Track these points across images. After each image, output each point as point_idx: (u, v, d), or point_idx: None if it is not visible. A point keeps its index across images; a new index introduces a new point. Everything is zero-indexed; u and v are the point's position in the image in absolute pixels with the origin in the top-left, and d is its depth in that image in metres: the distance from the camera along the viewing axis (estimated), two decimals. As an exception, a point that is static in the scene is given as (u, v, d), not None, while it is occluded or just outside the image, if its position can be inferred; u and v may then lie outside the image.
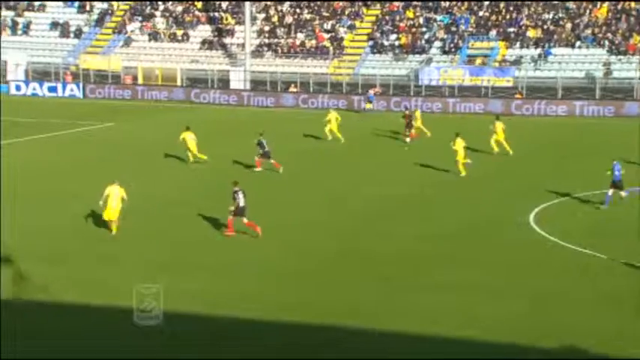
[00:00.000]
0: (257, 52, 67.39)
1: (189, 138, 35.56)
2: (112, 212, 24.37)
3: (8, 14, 74.73)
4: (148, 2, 73.93)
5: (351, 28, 68.98)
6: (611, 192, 27.97)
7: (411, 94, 59.62)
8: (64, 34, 72.43)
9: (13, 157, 36.21)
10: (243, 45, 67.26)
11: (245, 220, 24.63)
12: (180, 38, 70.84)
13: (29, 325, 17.65)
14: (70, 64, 68.10)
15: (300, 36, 68.64)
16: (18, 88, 65.19)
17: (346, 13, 70.15)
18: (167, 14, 73.32)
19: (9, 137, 41.29)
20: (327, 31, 68.75)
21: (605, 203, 28.00)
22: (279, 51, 67.54)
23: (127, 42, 70.75)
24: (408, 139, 42.48)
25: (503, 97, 57.97)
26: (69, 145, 38.04)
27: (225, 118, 53.50)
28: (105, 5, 74.39)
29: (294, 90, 61.87)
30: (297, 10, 71.08)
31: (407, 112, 44.77)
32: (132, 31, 71.72)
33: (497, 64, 61.88)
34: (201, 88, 63.22)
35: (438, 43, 65.38)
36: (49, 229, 25.19)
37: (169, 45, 70.19)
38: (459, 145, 33.90)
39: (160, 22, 72.73)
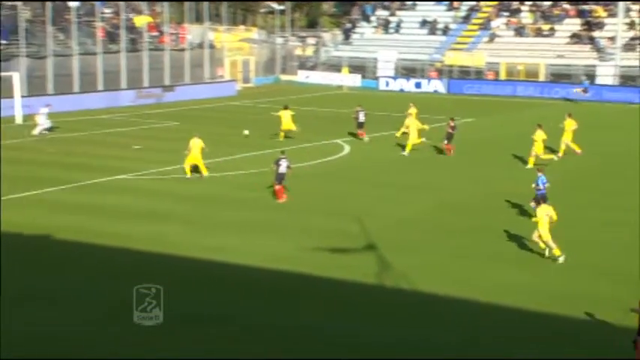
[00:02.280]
0: (628, 46, 64.11)
1: (285, 115, 40.58)
2: (194, 158, 31.96)
3: (383, 14, 79.40)
4: (515, -2, 73.96)
5: None
6: (533, 204, 25.05)
7: None
8: (432, 31, 75.10)
9: (385, 149, 38.81)
10: (613, 38, 64.42)
11: (277, 186, 28.32)
12: (546, 33, 69.82)
13: (387, 308, 19.03)
14: (435, 60, 70.52)
15: (681, 27, 64.04)
16: (387, 84, 69.13)
17: None
18: (534, 9, 72.66)
19: (381, 130, 44.09)
20: None
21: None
22: (654, 44, 63.63)
23: (492, 38, 71.40)
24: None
25: None
26: (433, 141, 39.59)
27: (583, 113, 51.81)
28: (473, 2, 75.79)
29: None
30: (680, 0, 66.45)
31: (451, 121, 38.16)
32: (497, 27, 72.23)
33: None
34: (565, 83, 61.92)
35: None
36: (406, 220, 26.66)
37: (534, 40, 69.50)
38: (539, 137, 34.13)
39: (526, 17, 72.33)
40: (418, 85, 67.33)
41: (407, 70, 70.05)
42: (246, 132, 39.73)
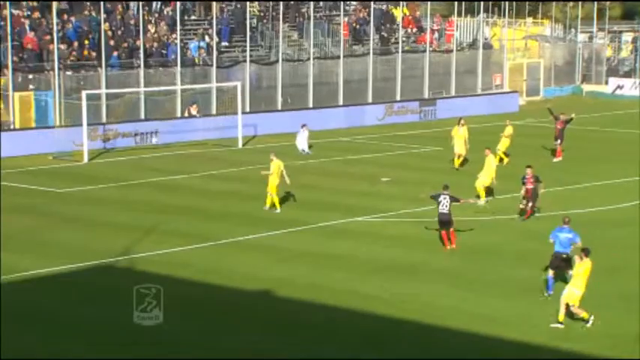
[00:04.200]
0: None
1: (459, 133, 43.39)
2: (273, 184, 34.36)
3: None
4: None
5: None
6: (551, 273, 25.27)
7: None
8: None
9: None
10: None
11: (442, 230, 29.54)
12: None
13: None
14: None
15: None
16: None
17: None
18: None
19: None
20: None
21: (548, 289, 24.97)
22: None
23: None
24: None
25: None
26: None
27: None
28: None
29: None
30: None
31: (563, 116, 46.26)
32: None
33: None
34: None
35: None
36: None
37: None
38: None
39: None
40: None
41: None
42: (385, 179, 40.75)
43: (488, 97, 65.88)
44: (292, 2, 62.69)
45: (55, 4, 50.91)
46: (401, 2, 66.97)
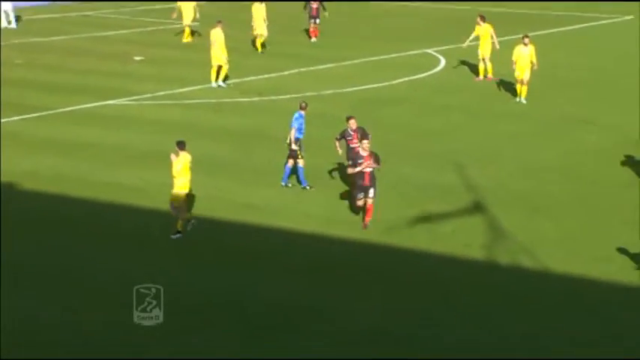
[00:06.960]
0: None
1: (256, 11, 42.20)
2: None
3: None
4: None
5: None
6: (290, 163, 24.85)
7: None
8: None
9: (499, 62, 38.51)
10: None
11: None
12: None
13: (495, 298, 18.91)
14: None
15: None
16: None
17: None
18: None
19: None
20: None
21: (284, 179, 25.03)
22: None
23: None
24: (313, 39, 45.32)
25: None
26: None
27: None
28: None
29: None
30: None
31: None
32: None
33: None
34: None
35: None
36: (533, 168, 26.31)
37: None
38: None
39: None
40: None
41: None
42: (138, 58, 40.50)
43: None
44: None
45: None
46: None
